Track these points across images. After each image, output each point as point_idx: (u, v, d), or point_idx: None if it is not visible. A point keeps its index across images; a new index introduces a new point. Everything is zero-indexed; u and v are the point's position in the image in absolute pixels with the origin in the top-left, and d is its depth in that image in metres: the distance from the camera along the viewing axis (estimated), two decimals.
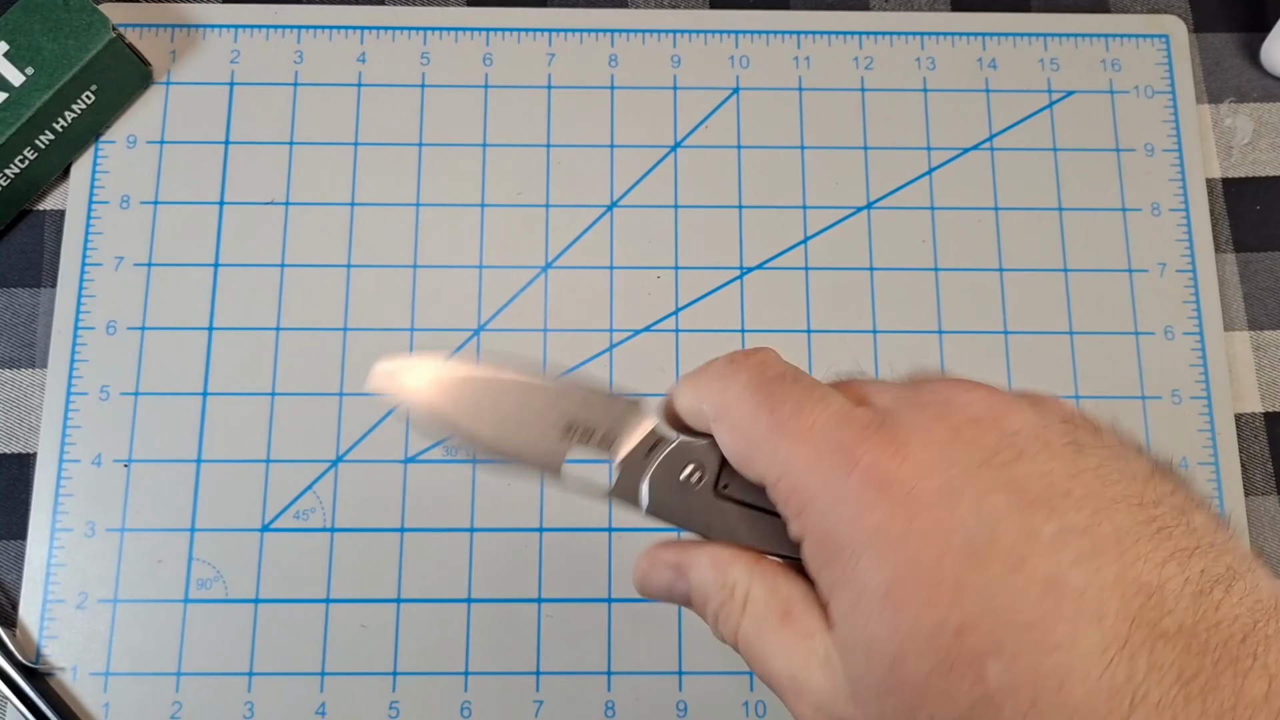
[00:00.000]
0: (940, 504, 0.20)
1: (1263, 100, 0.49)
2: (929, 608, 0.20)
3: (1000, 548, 0.20)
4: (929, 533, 0.20)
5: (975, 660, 0.19)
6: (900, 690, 0.20)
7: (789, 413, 0.23)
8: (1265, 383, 0.45)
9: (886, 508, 0.21)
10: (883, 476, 0.21)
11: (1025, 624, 0.19)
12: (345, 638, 0.42)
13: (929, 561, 0.20)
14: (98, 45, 0.44)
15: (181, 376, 0.44)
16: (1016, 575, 0.19)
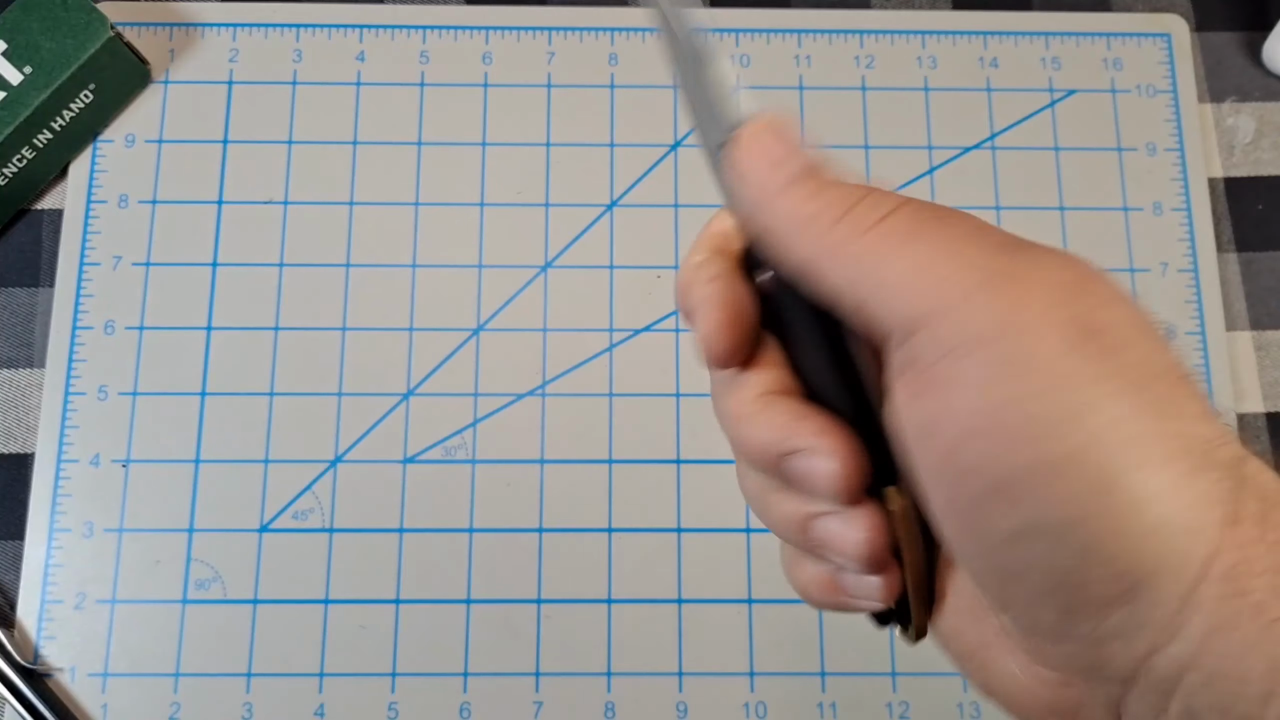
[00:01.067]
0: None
1: (1264, 99, 0.49)
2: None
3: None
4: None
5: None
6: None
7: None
8: (1267, 382, 0.45)
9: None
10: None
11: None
12: (344, 638, 0.42)
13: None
14: (96, 44, 0.44)
15: (180, 376, 0.44)
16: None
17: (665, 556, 0.43)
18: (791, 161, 0.23)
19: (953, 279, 0.20)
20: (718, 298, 0.23)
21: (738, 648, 0.42)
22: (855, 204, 0.21)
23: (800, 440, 0.23)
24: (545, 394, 0.44)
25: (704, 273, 0.23)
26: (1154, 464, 0.19)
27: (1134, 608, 0.19)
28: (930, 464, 0.21)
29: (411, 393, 0.44)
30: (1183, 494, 0.19)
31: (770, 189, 0.22)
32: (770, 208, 0.22)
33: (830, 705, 0.41)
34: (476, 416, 0.44)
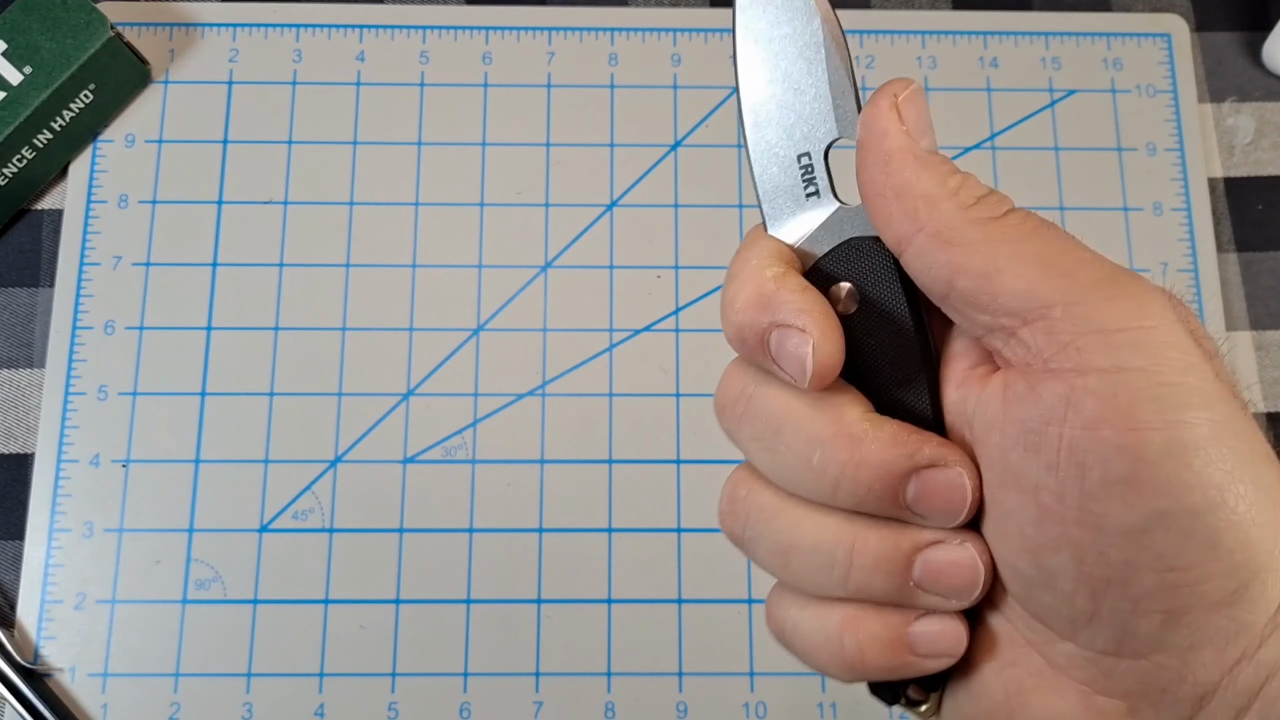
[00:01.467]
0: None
1: (1265, 100, 0.49)
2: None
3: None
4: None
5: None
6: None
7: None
8: (1267, 382, 0.45)
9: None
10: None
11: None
12: (344, 638, 0.42)
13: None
14: (96, 44, 0.44)
15: (180, 376, 0.44)
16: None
17: (665, 556, 0.42)
18: (931, 134, 0.23)
19: (1075, 274, 0.20)
20: (820, 305, 0.22)
21: (738, 648, 0.42)
22: (988, 192, 0.22)
23: (932, 452, 0.22)
24: (545, 394, 0.44)
25: (792, 282, 0.22)
26: (1266, 460, 0.20)
27: (1236, 609, 0.19)
28: (1043, 458, 0.20)
29: (411, 393, 0.44)
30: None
31: (914, 153, 0.22)
32: (913, 170, 0.22)
33: (830, 705, 0.41)
34: (476, 416, 0.44)
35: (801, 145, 0.23)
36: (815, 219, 0.23)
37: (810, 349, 0.21)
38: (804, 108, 0.23)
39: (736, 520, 0.25)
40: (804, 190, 0.23)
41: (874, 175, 0.22)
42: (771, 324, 0.22)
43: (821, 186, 0.23)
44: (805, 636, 0.24)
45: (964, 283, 0.21)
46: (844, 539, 0.23)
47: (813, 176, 0.23)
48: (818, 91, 0.23)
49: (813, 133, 0.23)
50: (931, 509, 0.22)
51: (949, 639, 0.23)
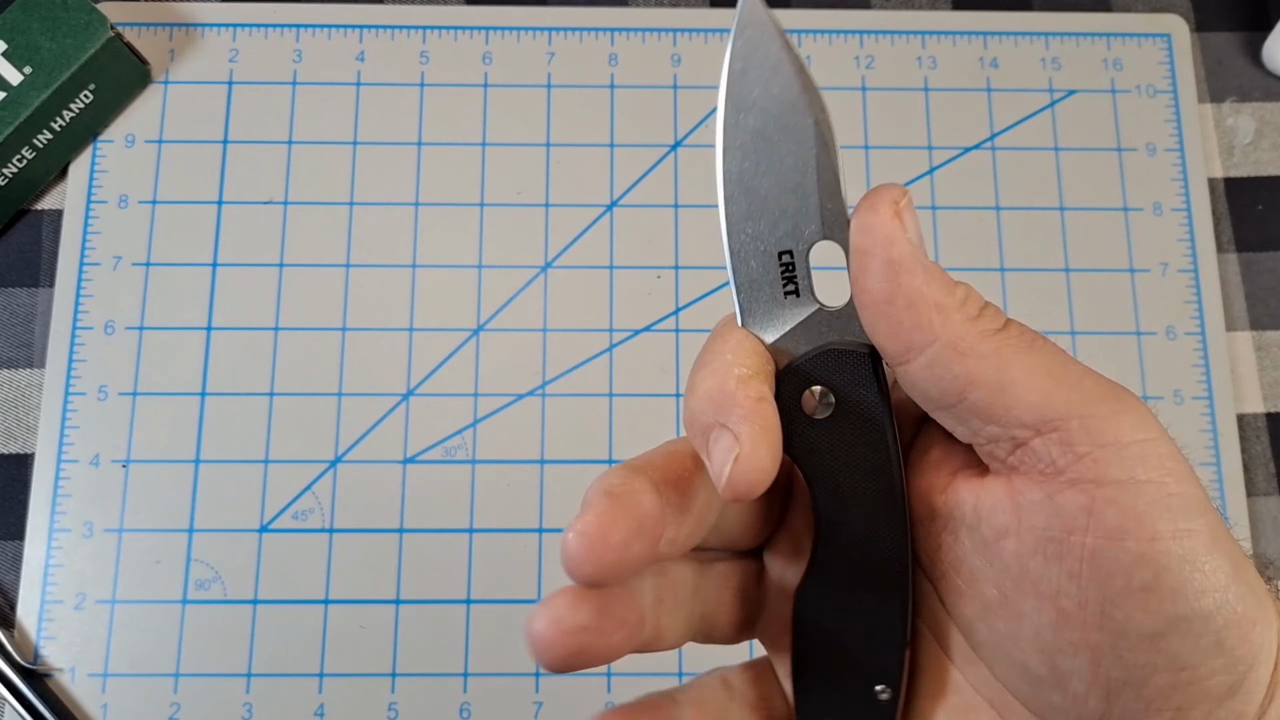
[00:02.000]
0: None
1: (1264, 100, 0.49)
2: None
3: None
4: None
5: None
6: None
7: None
8: (1267, 383, 0.45)
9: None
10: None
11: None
12: (344, 639, 0.42)
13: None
14: (96, 44, 0.44)
15: (180, 376, 0.44)
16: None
17: None
18: (923, 245, 0.22)
19: (1081, 387, 0.21)
20: (765, 419, 0.21)
21: (737, 648, 0.42)
22: (986, 304, 0.22)
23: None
24: (545, 394, 0.44)
25: (751, 389, 0.22)
26: (1244, 559, 0.21)
27: (1234, 701, 0.20)
28: (1065, 565, 0.21)
29: (411, 393, 0.44)
30: (1262, 585, 0.21)
31: (922, 262, 0.22)
32: (924, 279, 0.22)
33: None
34: (476, 416, 0.44)
35: (785, 243, 0.23)
36: (793, 318, 0.23)
37: (732, 456, 0.21)
38: (790, 205, 0.22)
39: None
40: (783, 288, 0.23)
41: (878, 284, 0.22)
42: (716, 422, 0.22)
43: (802, 286, 0.23)
44: None
45: (977, 394, 0.21)
46: None
47: (794, 275, 0.23)
48: (806, 190, 0.22)
49: (797, 231, 0.22)
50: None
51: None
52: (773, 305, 0.23)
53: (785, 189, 0.22)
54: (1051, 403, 0.21)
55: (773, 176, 0.22)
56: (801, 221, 0.22)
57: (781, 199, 0.22)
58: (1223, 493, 0.44)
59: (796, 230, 0.22)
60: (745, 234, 0.23)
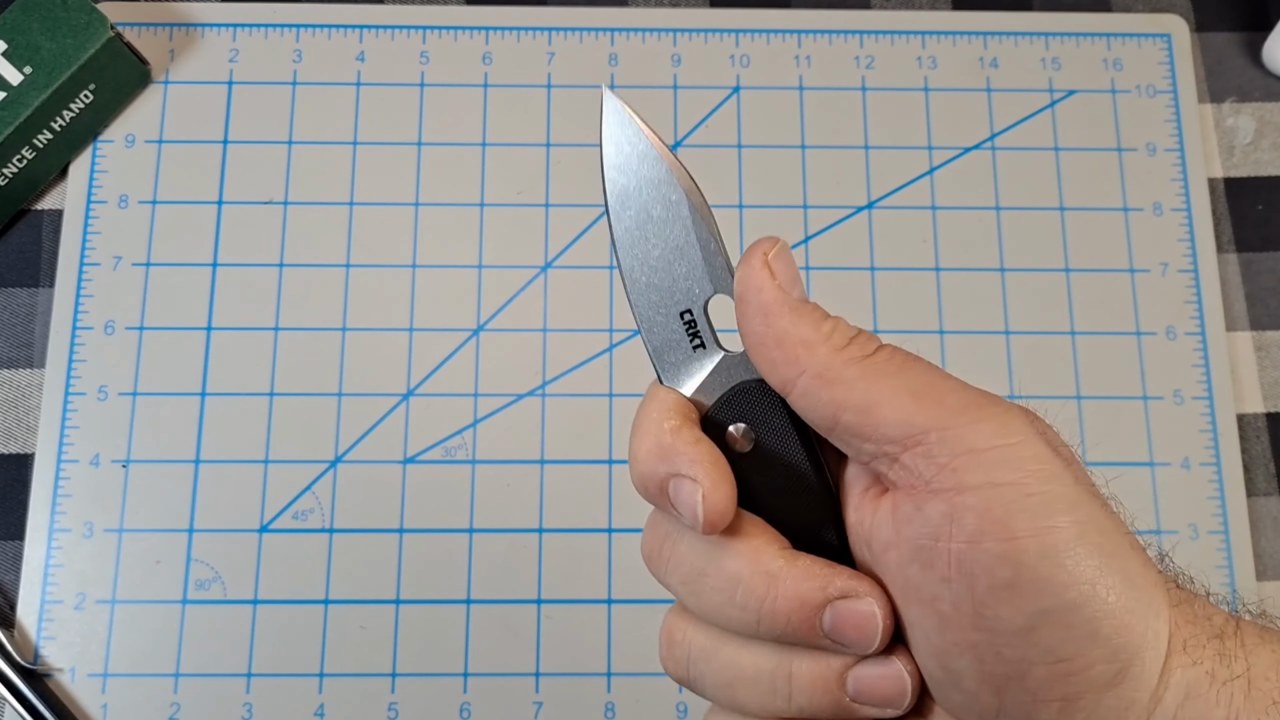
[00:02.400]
0: None
1: (1264, 100, 0.49)
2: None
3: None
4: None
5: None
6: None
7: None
8: (1267, 383, 0.45)
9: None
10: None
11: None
12: (344, 639, 0.42)
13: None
14: (96, 44, 0.44)
15: (180, 376, 0.44)
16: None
17: None
18: (799, 284, 0.24)
19: (944, 403, 0.22)
20: (710, 455, 0.24)
21: None
22: (856, 333, 0.24)
23: (843, 584, 0.23)
24: (545, 394, 0.44)
25: (686, 435, 0.24)
26: (1128, 550, 0.22)
27: (1122, 689, 0.21)
28: (937, 571, 0.22)
29: (411, 393, 0.44)
30: (1148, 575, 0.22)
31: (789, 304, 0.24)
32: (790, 320, 0.23)
33: None
34: (476, 416, 0.44)
35: (683, 303, 0.25)
36: (704, 368, 0.25)
37: (700, 497, 0.23)
38: (680, 269, 0.25)
39: (678, 663, 0.26)
40: (690, 343, 0.25)
41: (754, 327, 0.24)
42: (669, 474, 0.24)
43: (706, 339, 0.25)
44: None
45: (847, 417, 0.23)
46: (781, 667, 0.24)
47: (696, 330, 0.25)
48: (691, 254, 0.25)
49: (691, 291, 0.25)
50: (846, 637, 0.23)
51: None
52: (685, 360, 0.26)
53: (674, 256, 0.25)
54: (913, 419, 0.22)
55: (661, 247, 0.25)
56: (693, 282, 0.25)
57: (673, 265, 0.25)
58: (1223, 493, 0.44)
59: (690, 290, 0.25)
60: (648, 301, 0.25)
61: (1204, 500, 0.43)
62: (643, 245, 0.25)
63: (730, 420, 0.25)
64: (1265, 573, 0.43)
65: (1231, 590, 0.42)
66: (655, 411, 0.25)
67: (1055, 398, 0.44)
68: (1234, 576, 0.43)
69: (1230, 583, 0.42)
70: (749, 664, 0.25)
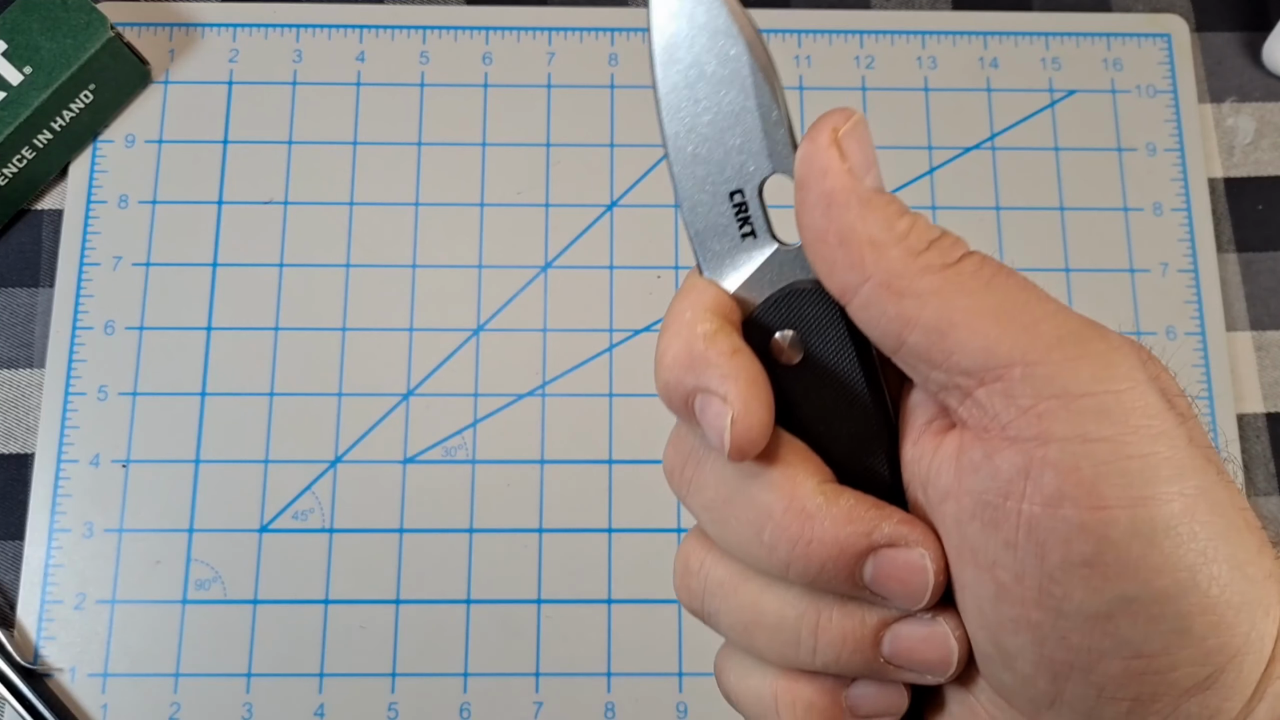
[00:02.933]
0: None
1: (1265, 100, 0.49)
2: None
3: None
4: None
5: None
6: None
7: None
8: (1267, 383, 0.45)
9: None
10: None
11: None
12: (344, 639, 0.42)
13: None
14: (96, 44, 0.44)
15: (180, 376, 0.44)
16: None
17: (665, 556, 0.42)
18: (876, 170, 0.20)
19: (1036, 330, 0.18)
20: (746, 371, 0.20)
21: None
22: (940, 235, 0.20)
23: (891, 530, 0.20)
24: (545, 394, 0.44)
25: (721, 343, 0.20)
26: (1243, 531, 0.18)
27: (1209, 695, 0.18)
28: (1001, 534, 0.19)
29: (411, 393, 0.44)
30: (1263, 564, 0.18)
31: (858, 193, 0.19)
32: (857, 213, 0.19)
33: None
34: (476, 416, 0.44)
35: (734, 181, 0.21)
36: (753, 261, 0.21)
37: (728, 421, 0.20)
38: (734, 141, 0.21)
39: (693, 595, 0.23)
40: (739, 230, 0.21)
41: (814, 219, 0.20)
42: (696, 387, 0.20)
43: (758, 226, 0.21)
44: (743, 701, 0.23)
45: (916, 338, 0.19)
46: (808, 615, 0.21)
47: (747, 215, 0.21)
48: (748, 123, 0.21)
49: (745, 168, 0.21)
50: (890, 590, 0.20)
51: (884, 700, 0.22)
52: (731, 250, 0.21)
53: (727, 124, 0.21)
54: (995, 347, 0.18)
55: (713, 112, 0.21)
56: (748, 157, 0.21)
57: (725, 135, 0.21)
58: None
59: (744, 167, 0.21)
60: (693, 176, 0.21)
61: None
62: (691, 108, 0.21)
63: (778, 325, 0.21)
64: None
65: None
66: (690, 310, 0.21)
67: None
68: None
69: None
70: (772, 608, 0.22)
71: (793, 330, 0.21)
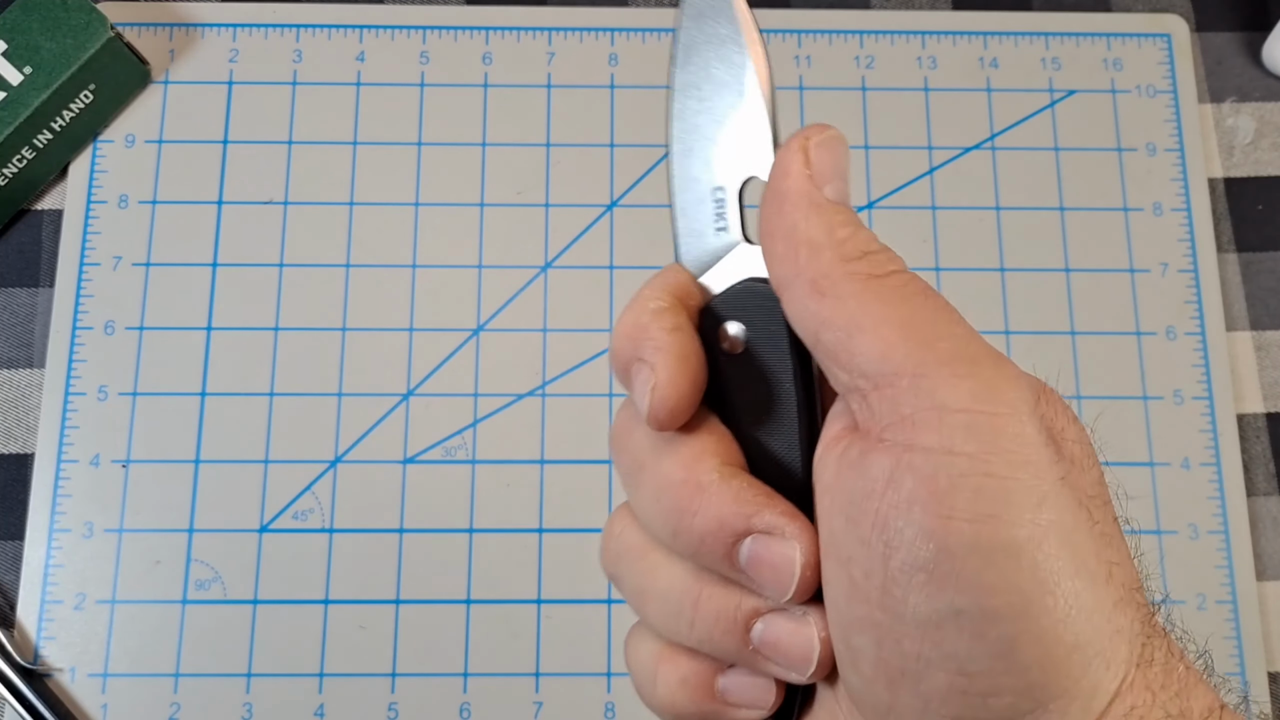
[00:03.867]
0: None
1: (1264, 100, 0.49)
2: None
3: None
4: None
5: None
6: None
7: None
8: (1267, 383, 0.45)
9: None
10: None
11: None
12: (344, 639, 0.42)
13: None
14: (96, 44, 0.44)
15: (180, 376, 0.44)
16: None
17: None
18: (836, 183, 0.21)
19: (934, 346, 0.19)
20: (678, 348, 0.21)
21: None
22: (878, 250, 0.21)
23: (770, 519, 0.21)
24: (545, 394, 0.44)
25: (665, 320, 0.22)
26: (1099, 581, 0.19)
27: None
28: (859, 531, 0.19)
29: (411, 393, 0.44)
30: (1111, 620, 0.19)
31: (809, 198, 0.21)
32: (803, 214, 0.21)
33: None
34: (476, 416, 0.44)
35: (718, 178, 0.23)
36: (722, 255, 0.23)
37: (650, 388, 0.21)
38: (725, 140, 0.23)
39: (609, 556, 0.24)
40: (714, 224, 0.23)
41: (769, 214, 0.21)
42: (633, 356, 0.22)
43: (732, 223, 0.23)
44: (632, 668, 0.24)
45: (828, 336, 0.20)
46: (690, 591, 0.22)
47: (724, 211, 0.23)
48: (738, 127, 0.23)
49: (728, 166, 0.23)
50: (762, 578, 0.21)
51: (758, 695, 0.22)
52: (705, 241, 0.23)
53: (721, 125, 0.23)
54: (890, 355, 0.19)
55: (711, 113, 0.23)
56: (733, 158, 0.23)
57: (718, 135, 0.23)
58: (1223, 493, 0.44)
59: (728, 166, 0.23)
60: (684, 169, 0.23)
61: (1204, 500, 0.43)
62: (695, 106, 0.23)
63: (729, 316, 0.23)
64: (1265, 573, 0.43)
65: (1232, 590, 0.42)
66: (650, 288, 0.23)
67: None
68: (1234, 577, 0.43)
69: (1230, 583, 0.42)
70: (663, 578, 0.23)
71: (740, 323, 0.23)
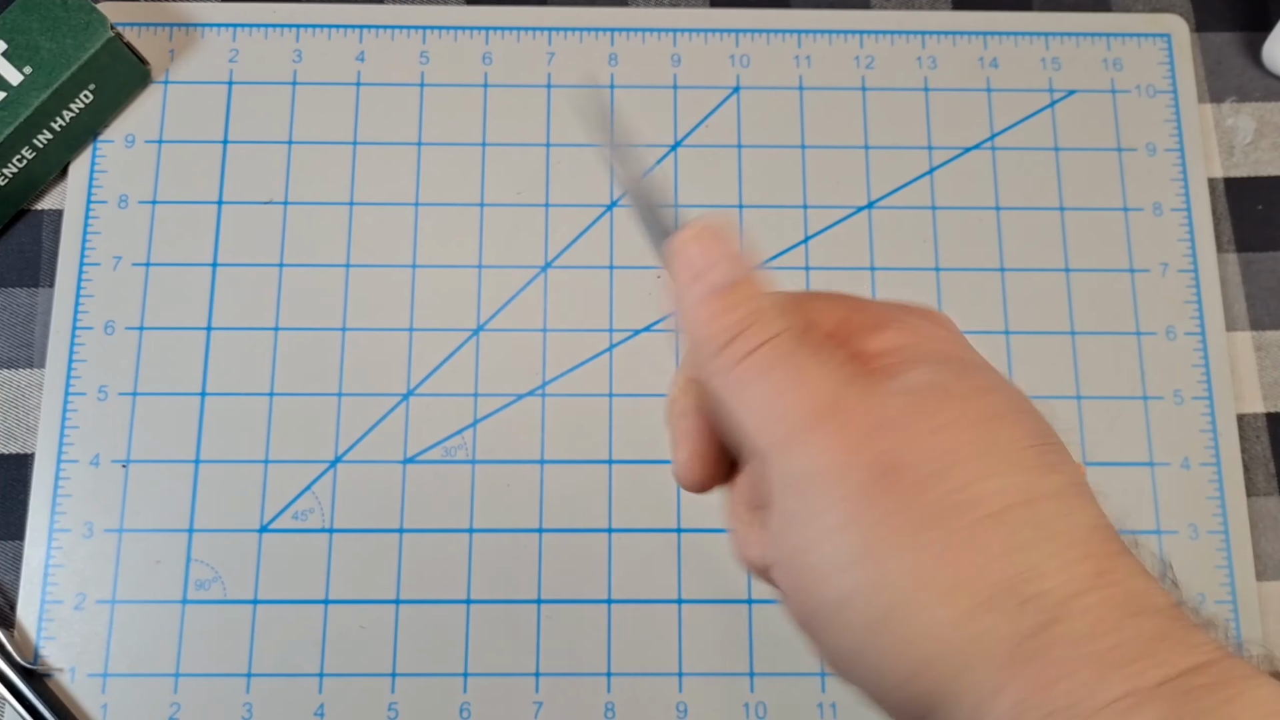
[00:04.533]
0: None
1: (1264, 100, 0.49)
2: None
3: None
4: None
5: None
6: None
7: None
8: (1267, 383, 0.45)
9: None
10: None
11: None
12: (344, 639, 0.42)
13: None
14: (96, 44, 0.44)
15: (180, 376, 0.44)
16: None
17: (665, 556, 0.43)
18: (712, 273, 0.23)
19: (788, 416, 0.21)
20: (686, 433, 0.25)
21: (738, 648, 0.42)
22: (741, 331, 0.22)
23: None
24: (545, 394, 0.44)
25: (677, 407, 0.25)
26: (929, 602, 0.20)
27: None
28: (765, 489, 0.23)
29: (411, 393, 0.44)
30: (961, 629, 0.20)
31: (686, 301, 0.23)
32: (686, 319, 0.23)
33: (830, 705, 0.41)
34: (476, 416, 0.44)
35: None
36: None
37: (675, 461, 0.26)
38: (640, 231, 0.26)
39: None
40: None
41: (673, 314, 0.24)
42: (668, 418, 0.26)
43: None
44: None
45: (723, 424, 0.23)
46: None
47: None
48: (639, 227, 0.26)
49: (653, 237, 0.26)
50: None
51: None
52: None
53: (646, 210, 0.26)
54: (759, 438, 0.22)
55: (639, 201, 0.26)
56: (662, 235, 0.25)
57: (649, 218, 0.26)
58: (1223, 493, 0.44)
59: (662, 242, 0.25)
60: (652, 246, 0.26)
61: (1204, 500, 0.43)
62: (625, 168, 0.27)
63: None
64: (1265, 573, 0.43)
65: (1232, 590, 0.42)
66: (678, 371, 0.26)
67: (1055, 397, 0.44)
68: (1234, 577, 0.43)
69: (1230, 583, 0.42)
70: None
71: None
